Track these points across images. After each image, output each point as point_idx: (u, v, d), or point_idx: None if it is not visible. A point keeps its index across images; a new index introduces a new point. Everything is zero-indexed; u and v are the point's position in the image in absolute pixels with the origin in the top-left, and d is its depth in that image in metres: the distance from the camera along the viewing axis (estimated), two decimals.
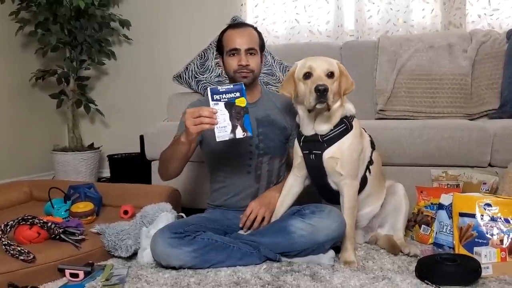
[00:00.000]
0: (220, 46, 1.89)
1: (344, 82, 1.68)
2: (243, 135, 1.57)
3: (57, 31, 3.21)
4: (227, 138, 1.55)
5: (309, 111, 1.64)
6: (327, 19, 3.21)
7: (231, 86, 1.57)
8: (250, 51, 1.82)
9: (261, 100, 1.93)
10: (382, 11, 3.11)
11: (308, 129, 1.71)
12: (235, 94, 1.56)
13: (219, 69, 2.57)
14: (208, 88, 1.57)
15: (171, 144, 1.79)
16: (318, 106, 1.58)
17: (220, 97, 1.55)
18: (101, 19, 3.33)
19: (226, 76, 1.96)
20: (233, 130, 1.55)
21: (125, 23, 3.44)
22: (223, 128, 1.54)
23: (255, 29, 1.92)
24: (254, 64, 1.83)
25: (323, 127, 1.68)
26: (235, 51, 1.82)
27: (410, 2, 3.05)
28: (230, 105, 1.55)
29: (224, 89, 1.56)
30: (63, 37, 3.23)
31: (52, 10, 3.17)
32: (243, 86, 1.59)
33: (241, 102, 1.56)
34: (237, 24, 1.91)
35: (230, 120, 1.55)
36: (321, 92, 1.54)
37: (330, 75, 1.63)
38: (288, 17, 3.25)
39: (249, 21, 3.24)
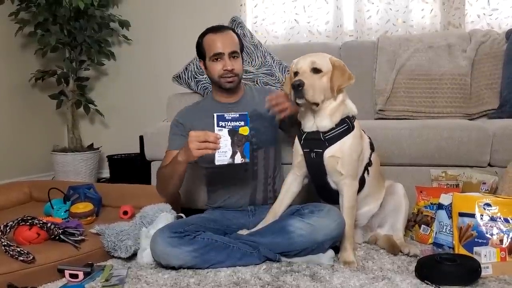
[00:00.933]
0: (201, 51, 1.90)
1: (337, 77, 1.65)
2: (241, 160, 1.63)
3: (56, 32, 3.21)
4: (225, 163, 1.61)
5: (299, 106, 1.67)
6: (326, 19, 3.21)
7: (237, 115, 1.62)
8: (233, 55, 1.84)
9: (244, 97, 1.97)
10: (381, 11, 3.12)
11: (308, 125, 1.71)
12: (239, 123, 1.62)
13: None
14: (215, 114, 1.62)
15: (168, 164, 1.81)
16: (298, 101, 1.62)
17: (225, 124, 1.61)
18: (100, 20, 3.33)
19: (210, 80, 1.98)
20: (233, 156, 1.61)
21: (124, 24, 3.45)
22: (224, 153, 1.60)
23: (234, 31, 1.94)
24: (238, 67, 1.87)
25: (323, 123, 1.68)
26: (218, 56, 1.83)
27: (409, 2, 3.05)
28: (233, 133, 1.61)
29: (230, 117, 1.61)
30: (63, 37, 3.23)
31: (51, 10, 3.17)
32: (248, 115, 1.64)
33: (244, 131, 1.62)
34: (216, 28, 1.90)
35: (231, 146, 1.61)
36: (296, 88, 1.58)
37: (315, 70, 1.64)
38: (287, 17, 3.25)
39: (248, 21, 3.25)
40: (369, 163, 1.79)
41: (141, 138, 3.02)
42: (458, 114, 2.58)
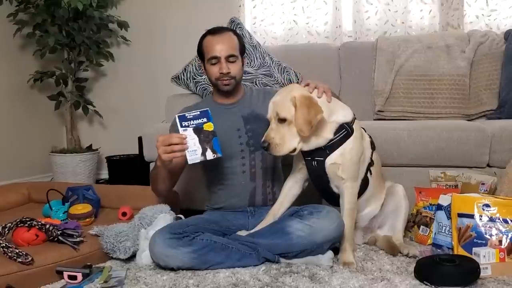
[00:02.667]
0: (201, 52, 1.90)
1: (300, 118, 1.55)
2: (213, 156, 1.64)
3: (55, 33, 3.21)
4: (198, 161, 1.62)
5: None
6: (325, 20, 3.21)
7: (198, 113, 1.63)
8: (230, 58, 1.83)
9: (244, 98, 1.96)
10: (380, 12, 3.12)
11: (307, 147, 1.67)
12: (202, 120, 1.63)
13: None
14: (176, 116, 1.64)
15: (154, 167, 1.82)
16: (274, 153, 1.62)
17: (188, 123, 1.63)
18: (99, 21, 3.33)
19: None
20: (204, 153, 1.62)
21: (123, 25, 3.44)
22: (194, 152, 1.61)
23: (235, 32, 1.93)
24: (235, 70, 1.86)
25: (317, 142, 1.65)
26: (215, 59, 1.83)
27: (408, 3, 3.06)
28: (198, 130, 1.63)
29: (192, 116, 1.63)
30: (61, 38, 3.22)
31: (50, 11, 3.16)
32: (209, 112, 1.65)
33: (209, 126, 1.63)
34: (216, 30, 1.89)
35: (200, 144, 1.62)
36: (266, 148, 1.61)
37: (280, 120, 1.60)
38: (286, 18, 3.25)
39: (247, 22, 3.25)
40: (371, 163, 1.79)
41: (140, 139, 3.02)
42: (457, 115, 2.58)
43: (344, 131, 1.66)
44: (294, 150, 1.63)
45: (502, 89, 2.57)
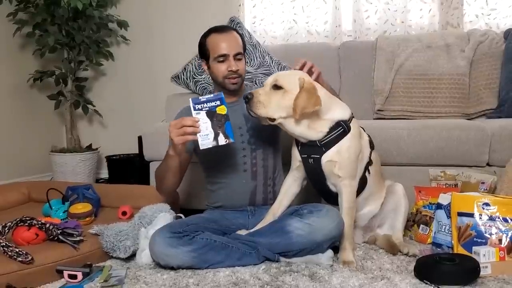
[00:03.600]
0: (204, 51, 1.88)
1: (302, 99, 1.58)
2: (225, 141, 1.63)
3: (55, 32, 3.20)
4: (210, 146, 1.61)
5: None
6: (325, 20, 3.21)
7: (211, 96, 1.63)
8: (237, 56, 1.84)
9: None
10: (380, 11, 3.12)
11: (299, 139, 1.70)
12: (215, 103, 1.62)
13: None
14: (190, 99, 1.62)
15: (163, 160, 1.82)
16: (251, 114, 1.64)
17: (201, 106, 1.61)
18: (98, 20, 3.32)
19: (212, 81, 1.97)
20: (216, 138, 1.61)
21: (123, 24, 3.44)
22: (206, 136, 1.60)
23: (237, 31, 1.94)
24: (242, 68, 1.87)
25: (309, 134, 1.67)
26: (223, 57, 1.82)
27: (408, 2, 3.06)
28: (211, 114, 1.61)
29: (205, 99, 1.62)
30: (61, 38, 3.22)
31: (49, 11, 3.16)
32: (223, 94, 1.64)
33: (222, 110, 1.62)
34: (220, 28, 1.90)
35: (212, 128, 1.61)
36: (245, 100, 1.63)
37: (276, 87, 1.63)
38: (286, 17, 3.25)
39: (247, 21, 3.24)
40: (370, 162, 1.79)
41: (139, 138, 3.02)
42: (456, 114, 2.58)
43: (341, 129, 1.67)
44: (273, 120, 1.63)
45: (501, 88, 2.57)
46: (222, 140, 1.62)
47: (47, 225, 1.65)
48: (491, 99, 2.60)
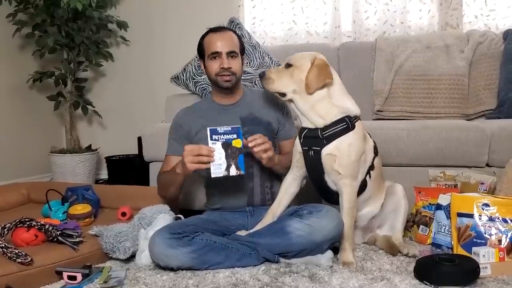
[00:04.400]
0: (201, 50, 1.93)
1: (312, 75, 1.67)
2: (237, 173, 1.66)
3: (54, 33, 3.20)
4: (221, 175, 1.64)
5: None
6: (324, 20, 3.21)
7: (229, 128, 1.66)
8: (231, 54, 1.86)
9: (243, 99, 1.97)
10: (379, 12, 3.12)
11: (304, 122, 1.74)
12: (232, 136, 1.66)
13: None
14: (208, 128, 1.65)
15: (169, 172, 1.84)
16: (264, 86, 1.76)
17: (218, 137, 1.65)
18: (98, 21, 3.32)
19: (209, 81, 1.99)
20: (228, 168, 1.64)
21: (122, 25, 3.44)
22: (219, 166, 1.63)
23: (235, 32, 1.96)
24: (236, 66, 1.87)
25: (314, 119, 1.70)
26: (216, 55, 1.85)
27: (407, 3, 3.06)
28: (226, 145, 1.64)
29: (223, 130, 1.65)
30: (61, 39, 3.22)
31: (49, 12, 3.16)
32: (240, 129, 1.67)
33: (237, 143, 1.65)
34: (217, 28, 1.94)
35: (226, 158, 1.64)
36: (260, 77, 1.77)
37: (287, 65, 1.73)
38: (285, 18, 3.25)
39: (247, 22, 3.25)
40: (372, 167, 1.79)
41: (139, 139, 3.02)
42: (456, 115, 2.58)
43: (344, 124, 1.67)
44: (284, 95, 1.73)
45: (501, 89, 2.58)
46: (233, 171, 1.65)
47: (47, 226, 1.65)
48: (491, 100, 2.60)
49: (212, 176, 1.64)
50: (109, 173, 3.34)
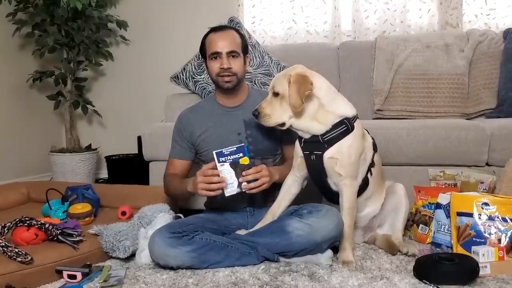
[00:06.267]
0: (203, 50, 1.90)
1: (293, 94, 1.62)
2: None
3: (54, 32, 3.20)
4: (234, 193, 1.67)
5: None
6: (324, 20, 3.21)
7: (234, 148, 1.69)
8: (232, 54, 1.82)
9: (247, 101, 1.92)
10: (379, 11, 3.12)
11: (306, 135, 1.72)
12: (238, 155, 1.69)
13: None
14: (214, 152, 1.68)
15: (178, 184, 1.84)
16: (262, 123, 1.72)
17: (225, 158, 1.68)
18: (98, 20, 3.32)
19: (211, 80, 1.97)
20: (239, 185, 1.67)
21: (122, 24, 3.44)
22: (231, 185, 1.67)
23: (238, 31, 1.92)
24: (237, 66, 1.84)
25: (314, 129, 1.68)
26: (216, 55, 1.82)
27: (407, 2, 3.06)
28: (235, 164, 1.68)
29: (228, 152, 1.68)
30: (60, 38, 3.22)
31: (49, 11, 3.16)
32: (245, 147, 1.71)
33: (245, 160, 1.69)
34: (219, 28, 1.90)
35: (236, 177, 1.67)
36: (255, 116, 1.71)
37: (275, 94, 1.69)
38: (285, 17, 3.25)
39: (246, 21, 3.24)
40: (372, 164, 1.79)
41: (139, 138, 3.02)
42: (456, 114, 2.58)
43: (344, 127, 1.67)
44: (283, 124, 1.70)
45: (501, 88, 2.58)
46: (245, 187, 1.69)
47: (47, 225, 1.65)
48: (490, 99, 2.60)
49: (226, 195, 1.67)
50: (109, 172, 3.34)
